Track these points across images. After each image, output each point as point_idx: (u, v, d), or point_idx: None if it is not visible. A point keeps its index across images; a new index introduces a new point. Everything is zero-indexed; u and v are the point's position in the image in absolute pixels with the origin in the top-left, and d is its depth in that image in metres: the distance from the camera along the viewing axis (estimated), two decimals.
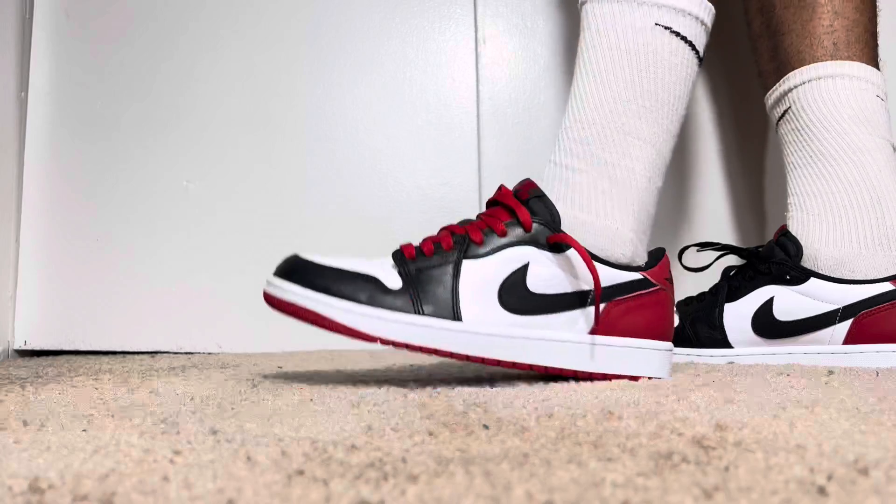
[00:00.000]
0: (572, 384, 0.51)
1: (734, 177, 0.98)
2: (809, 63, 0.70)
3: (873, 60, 0.71)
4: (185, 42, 1.01)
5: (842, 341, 0.65)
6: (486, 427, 0.36)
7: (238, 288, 0.97)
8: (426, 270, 0.52)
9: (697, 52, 0.59)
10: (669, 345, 0.56)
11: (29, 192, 0.99)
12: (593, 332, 0.53)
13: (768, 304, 0.67)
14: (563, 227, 0.54)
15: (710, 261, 0.78)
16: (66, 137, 1.00)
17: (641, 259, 0.58)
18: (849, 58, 0.69)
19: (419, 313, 0.51)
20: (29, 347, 0.97)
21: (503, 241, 0.53)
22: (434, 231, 0.59)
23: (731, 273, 0.72)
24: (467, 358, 0.51)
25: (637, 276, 0.55)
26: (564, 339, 0.53)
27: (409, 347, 0.50)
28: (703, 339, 0.69)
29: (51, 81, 1.00)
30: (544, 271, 0.53)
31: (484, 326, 0.51)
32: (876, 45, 0.72)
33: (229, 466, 0.29)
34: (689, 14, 0.57)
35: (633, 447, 0.31)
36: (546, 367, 0.52)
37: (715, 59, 0.98)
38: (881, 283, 0.65)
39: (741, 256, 0.72)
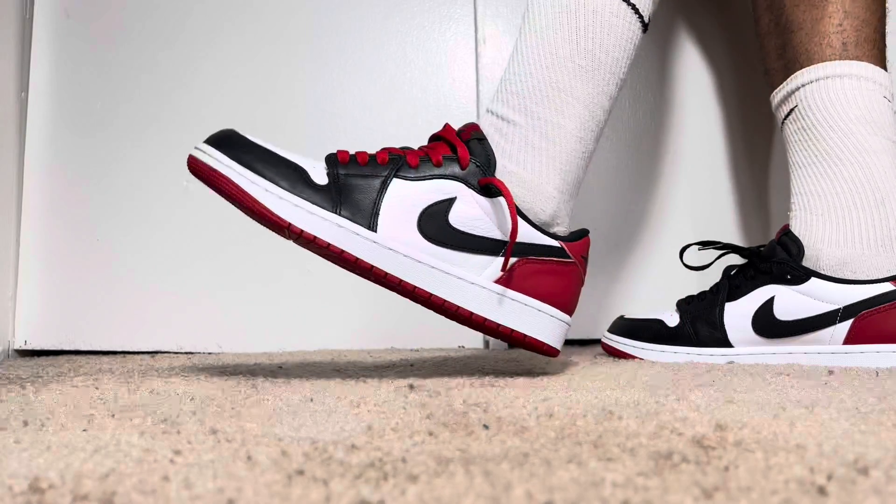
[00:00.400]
0: (572, 385, 0.51)
1: (739, 175, 0.98)
2: (818, 62, 0.70)
3: (881, 61, 0.71)
4: (185, 42, 1.01)
5: (842, 341, 0.65)
6: (486, 427, 0.36)
7: (238, 288, 0.97)
8: (354, 177, 0.53)
9: (641, 18, 0.59)
10: (567, 318, 0.58)
11: (29, 192, 0.99)
12: (499, 281, 0.54)
13: (769, 304, 0.67)
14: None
15: (711, 260, 0.78)
16: (66, 137, 1.00)
17: (564, 223, 0.59)
18: (857, 58, 0.69)
19: (337, 213, 0.51)
20: (29, 347, 0.97)
21: (437, 171, 0.54)
22: None
23: (732, 272, 0.72)
24: (370, 268, 0.51)
25: (555, 243, 0.56)
26: (471, 280, 0.53)
27: (318, 242, 0.50)
28: (704, 338, 0.69)
29: (51, 81, 1.00)
30: (469, 210, 0.54)
31: (396, 243, 0.52)
32: (884, 46, 0.72)
33: (229, 466, 0.29)
34: None
35: (633, 447, 0.31)
36: (444, 301, 0.53)
37: (721, 56, 0.98)
38: (882, 284, 0.65)
39: (742, 256, 0.72)
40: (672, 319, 0.72)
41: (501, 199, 0.55)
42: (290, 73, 1.00)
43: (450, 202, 0.54)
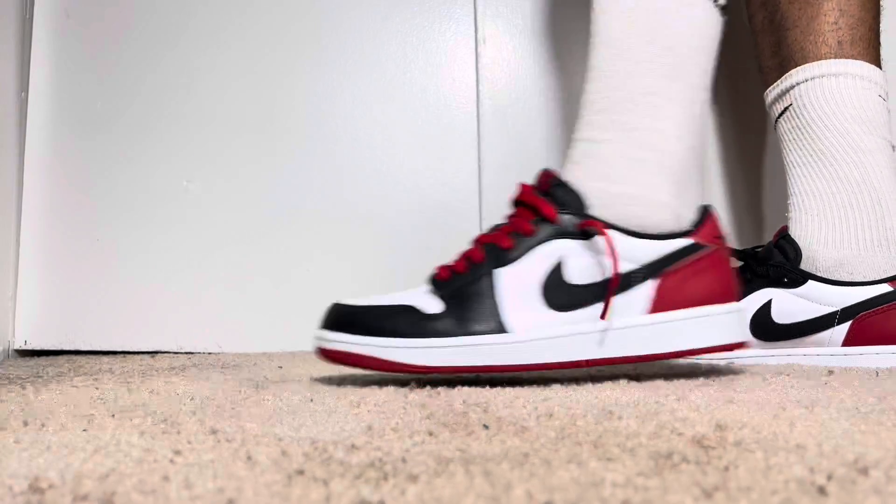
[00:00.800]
0: (572, 384, 0.51)
1: (733, 176, 0.98)
2: (813, 60, 0.70)
3: (876, 59, 0.71)
4: (186, 42, 1.01)
5: (840, 343, 0.64)
6: (486, 427, 0.36)
7: (238, 288, 0.97)
8: (462, 292, 0.51)
9: (716, 1, 0.56)
10: (734, 305, 0.53)
11: (29, 192, 0.99)
12: (651, 310, 0.50)
13: (766, 307, 0.66)
14: (597, 203, 0.52)
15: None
16: (66, 137, 1.00)
17: (688, 222, 0.54)
18: (853, 56, 0.69)
19: (466, 334, 0.49)
20: (29, 347, 0.97)
21: (533, 240, 0.51)
22: (433, 230, 0.59)
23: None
24: (522, 368, 0.49)
25: (685, 242, 0.52)
26: (622, 325, 0.50)
27: (461, 370, 0.49)
28: None
29: (51, 81, 1.00)
30: (581, 261, 0.51)
31: (534, 332, 0.50)
32: (879, 44, 0.72)
33: (229, 466, 0.29)
34: None
35: (633, 447, 0.31)
36: (613, 359, 0.50)
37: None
38: (880, 285, 0.65)
39: (738, 258, 0.72)
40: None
41: (811, 283, 0.58)
42: (291, 73, 1.00)
43: (560, 265, 0.51)
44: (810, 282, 0.66)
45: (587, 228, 0.51)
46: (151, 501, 0.24)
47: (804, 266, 0.67)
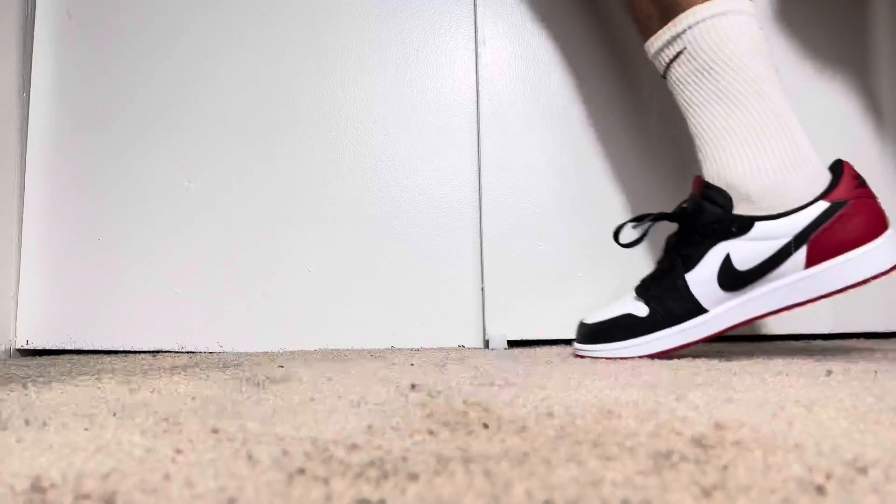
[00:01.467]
0: (572, 384, 0.51)
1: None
2: (700, 3, 0.70)
3: None
4: (187, 42, 1.01)
5: (803, 267, 0.67)
6: (486, 426, 0.36)
7: (239, 287, 0.97)
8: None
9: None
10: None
11: (31, 192, 0.99)
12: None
13: (727, 261, 0.68)
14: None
15: (640, 234, 0.77)
16: (67, 137, 1.00)
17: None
18: None
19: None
20: (31, 347, 0.97)
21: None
22: (433, 230, 0.60)
23: (675, 242, 0.72)
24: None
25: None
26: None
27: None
28: (680, 314, 0.70)
29: (53, 81, 1.01)
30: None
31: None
32: None
33: (230, 465, 0.29)
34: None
35: (632, 446, 0.31)
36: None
37: None
38: (817, 204, 0.67)
39: (672, 220, 0.72)
40: (640, 309, 0.72)
41: (759, 223, 0.67)
42: (291, 73, 1.00)
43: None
44: (757, 223, 0.67)
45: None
46: (153, 500, 0.25)
47: (736, 202, 0.68)
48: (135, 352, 0.95)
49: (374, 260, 0.97)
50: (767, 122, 0.69)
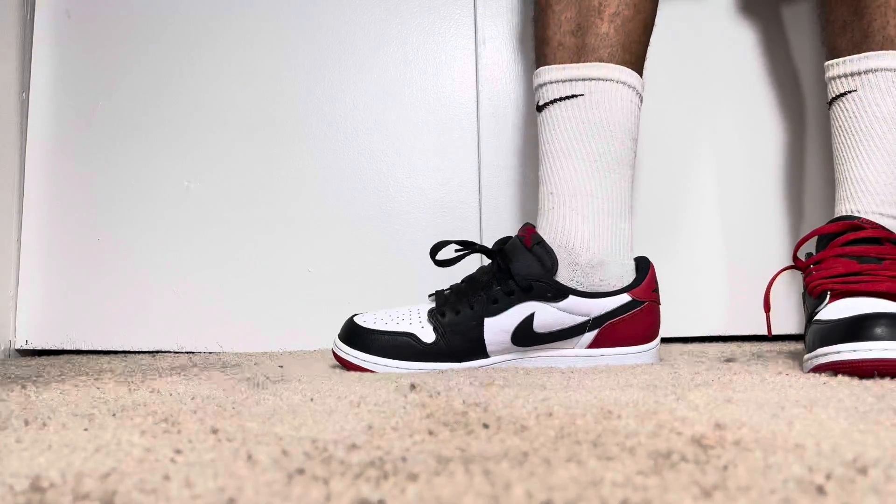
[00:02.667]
0: (572, 384, 0.51)
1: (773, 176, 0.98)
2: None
3: None
4: (187, 43, 1.01)
5: (587, 345, 0.69)
6: (485, 426, 0.36)
7: (239, 288, 0.97)
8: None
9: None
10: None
11: (30, 192, 0.99)
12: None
13: (529, 320, 0.67)
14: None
15: (456, 258, 0.72)
16: (67, 137, 1.00)
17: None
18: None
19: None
20: (30, 347, 0.97)
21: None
22: (432, 230, 0.60)
23: (485, 280, 0.68)
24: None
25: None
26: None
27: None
28: (460, 353, 0.67)
29: (52, 82, 1.01)
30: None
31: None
32: None
33: (230, 465, 0.29)
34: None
35: (632, 446, 0.31)
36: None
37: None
38: (622, 295, 0.69)
39: (490, 257, 0.70)
40: (426, 335, 0.67)
41: (573, 297, 0.67)
42: (291, 74, 1.00)
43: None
44: (571, 296, 0.67)
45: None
46: (152, 500, 0.25)
47: (561, 266, 0.68)
48: (134, 352, 0.95)
49: (373, 260, 0.97)
50: (625, 198, 0.71)
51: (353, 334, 0.67)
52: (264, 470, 0.28)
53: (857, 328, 0.54)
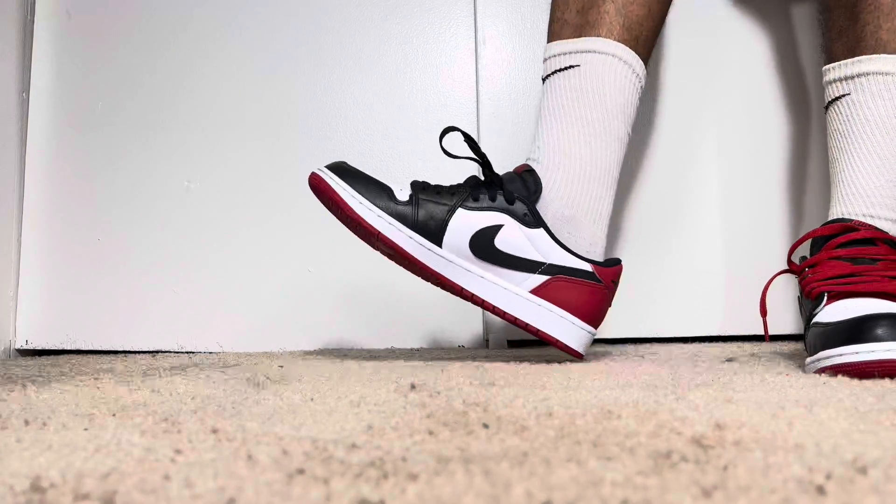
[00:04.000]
0: (572, 384, 0.51)
1: (775, 170, 0.98)
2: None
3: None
4: (186, 43, 1.01)
5: (530, 290, 0.68)
6: (485, 426, 0.36)
7: (239, 288, 0.97)
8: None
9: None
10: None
11: (30, 192, 0.99)
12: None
13: (494, 229, 0.68)
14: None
15: (465, 155, 0.73)
16: (67, 137, 1.00)
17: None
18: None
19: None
20: (30, 347, 0.97)
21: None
22: None
23: (474, 182, 0.70)
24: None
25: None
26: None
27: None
28: (420, 225, 0.68)
29: (52, 81, 1.01)
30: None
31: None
32: None
33: (230, 465, 0.29)
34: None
35: (632, 446, 0.31)
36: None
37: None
38: (583, 262, 0.68)
39: (484, 172, 0.70)
40: (402, 194, 0.68)
41: (542, 231, 0.67)
42: (291, 73, 1.00)
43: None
44: (541, 230, 0.68)
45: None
46: (152, 500, 0.25)
47: (540, 206, 0.69)
48: (134, 352, 0.95)
49: (373, 260, 0.97)
50: (610, 169, 0.71)
51: (342, 168, 0.70)
52: (264, 470, 0.28)
53: (857, 330, 0.54)
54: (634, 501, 0.24)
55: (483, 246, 0.67)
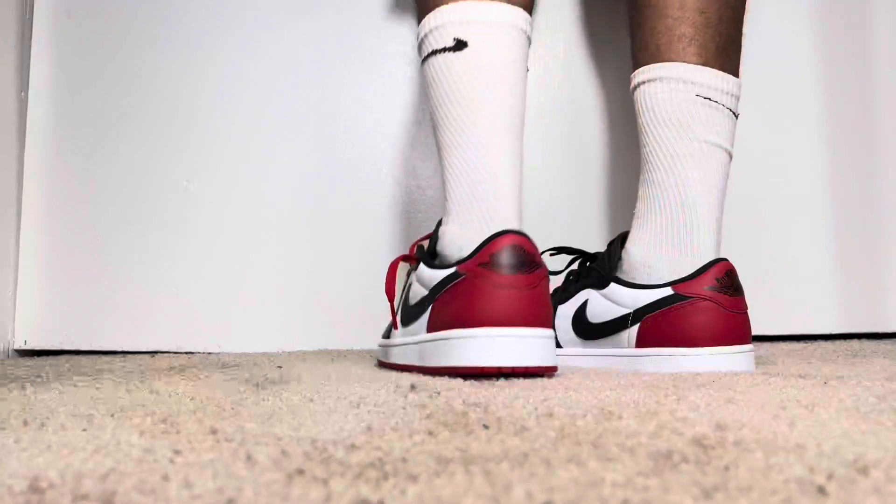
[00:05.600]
0: (572, 384, 0.51)
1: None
2: (641, 66, 0.70)
3: (701, 58, 0.67)
4: (186, 42, 1.01)
5: (634, 344, 0.64)
6: (486, 427, 0.36)
7: (238, 288, 0.97)
8: None
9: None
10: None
11: (29, 192, 0.99)
12: (428, 331, 0.60)
13: (584, 307, 0.67)
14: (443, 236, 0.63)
15: (563, 266, 0.75)
16: (66, 137, 1.00)
17: (469, 249, 0.59)
18: (669, 59, 0.68)
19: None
20: (29, 347, 0.97)
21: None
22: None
23: (569, 276, 0.72)
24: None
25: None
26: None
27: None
28: None
29: (51, 81, 1.00)
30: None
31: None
32: (711, 40, 0.68)
33: (229, 466, 0.29)
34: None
35: (632, 447, 0.31)
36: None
37: None
38: (662, 289, 0.63)
39: (587, 259, 0.72)
40: None
41: (613, 284, 0.66)
42: (291, 73, 1.00)
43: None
44: (612, 284, 0.66)
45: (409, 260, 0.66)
46: (151, 501, 0.24)
47: (626, 268, 0.67)
48: (133, 352, 0.95)
49: (374, 260, 0.97)
50: (666, 198, 0.68)
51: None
52: (264, 470, 0.28)
53: None
54: (635, 502, 0.23)
55: (582, 326, 0.68)
